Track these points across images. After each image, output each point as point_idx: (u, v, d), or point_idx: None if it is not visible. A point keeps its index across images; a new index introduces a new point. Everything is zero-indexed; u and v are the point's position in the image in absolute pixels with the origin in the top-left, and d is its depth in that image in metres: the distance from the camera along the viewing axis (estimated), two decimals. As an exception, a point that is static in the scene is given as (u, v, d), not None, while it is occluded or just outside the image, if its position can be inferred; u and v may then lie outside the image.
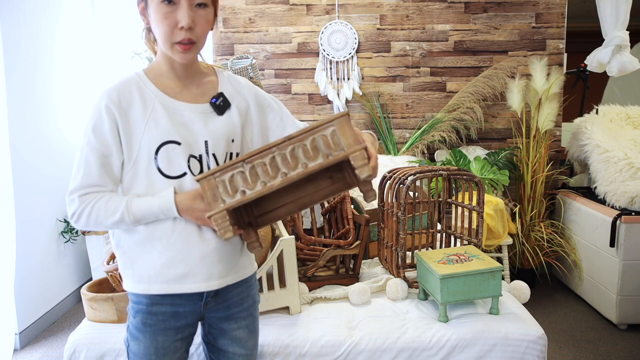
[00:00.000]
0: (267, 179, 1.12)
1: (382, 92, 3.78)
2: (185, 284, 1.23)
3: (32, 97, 3.01)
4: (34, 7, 3.03)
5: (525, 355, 1.67)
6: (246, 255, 1.34)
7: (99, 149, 1.18)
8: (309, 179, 1.25)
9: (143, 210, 1.18)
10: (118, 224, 1.19)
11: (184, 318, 1.27)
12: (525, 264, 3.44)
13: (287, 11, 3.72)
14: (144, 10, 1.22)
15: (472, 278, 1.74)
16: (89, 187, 1.19)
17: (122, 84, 1.22)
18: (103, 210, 1.18)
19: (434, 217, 2.30)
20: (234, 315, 1.33)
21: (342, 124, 1.12)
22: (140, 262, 1.23)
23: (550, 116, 3.40)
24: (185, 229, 1.21)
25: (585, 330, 2.91)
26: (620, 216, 2.85)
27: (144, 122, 1.20)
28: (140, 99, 1.21)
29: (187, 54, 1.19)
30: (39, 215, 3.04)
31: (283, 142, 1.13)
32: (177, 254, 1.22)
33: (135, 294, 1.25)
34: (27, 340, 2.86)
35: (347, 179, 1.25)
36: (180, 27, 1.15)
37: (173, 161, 1.20)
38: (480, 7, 3.70)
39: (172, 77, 1.25)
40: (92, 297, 1.78)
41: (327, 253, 2.04)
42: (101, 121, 1.18)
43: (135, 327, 1.26)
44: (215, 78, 1.32)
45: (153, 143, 1.19)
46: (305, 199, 1.26)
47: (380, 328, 1.74)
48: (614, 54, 3.28)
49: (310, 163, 1.11)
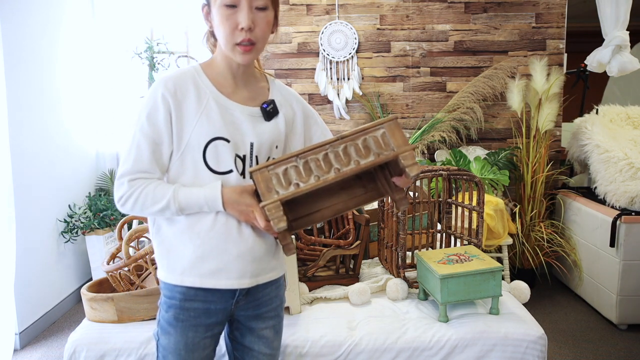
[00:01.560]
0: (321, 173, 1.16)
1: (382, 92, 3.78)
2: (219, 279, 1.25)
3: (32, 97, 3.01)
4: (34, 7, 3.03)
5: (525, 355, 1.68)
6: (278, 258, 1.36)
7: (151, 136, 1.21)
8: (342, 187, 1.31)
9: (189, 199, 1.20)
10: (163, 211, 1.21)
11: (215, 315, 1.29)
12: (525, 264, 3.44)
13: (287, 11, 3.72)
14: (207, 15, 1.26)
15: (472, 278, 1.74)
16: (138, 172, 1.21)
17: (179, 75, 1.26)
18: (151, 196, 1.20)
19: (434, 217, 2.30)
20: (262, 314, 1.35)
21: (391, 127, 1.20)
22: (175, 253, 1.26)
23: (550, 116, 3.40)
24: (225, 225, 1.24)
25: (585, 330, 2.91)
26: (620, 216, 2.85)
27: (197, 115, 1.23)
28: (196, 92, 1.24)
29: (247, 55, 1.23)
30: (39, 215, 3.04)
31: (336, 141, 1.19)
32: (214, 249, 1.24)
33: (169, 289, 1.27)
34: (27, 340, 2.86)
35: (380, 188, 1.31)
36: (240, 28, 1.19)
37: (221, 157, 1.24)
38: (480, 7, 3.70)
39: (228, 77, 1.29)
40: (92, 297, 1.77)
41: (327, 253, 2.04)
42: (156, 109, 1.21)
43: (167, 321, 1.28)
44: (266, 84, 1.37)
45: (203, 137, 1.23)
46: (339, 205, 1.31)
47: (380, 328, 1.74)
48: (614, 54, 3.28)
49: (362, 160, 1.17)
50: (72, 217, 3.31)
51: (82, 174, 3.58)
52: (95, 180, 3.75)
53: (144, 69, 3.64)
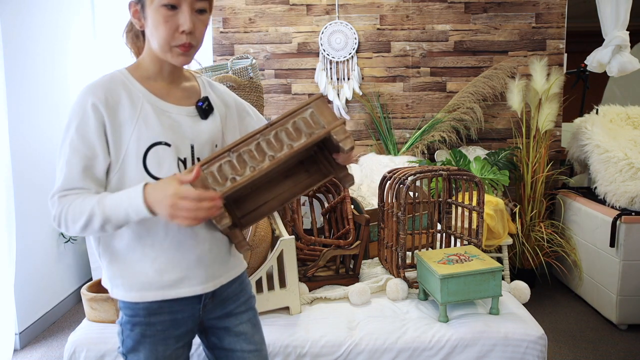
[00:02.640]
0: (256, 164, 1.14)
1: (382, 92, 3.78)
2: (182, 288, 1.21)
3: (32, 97, 3.01)
4: (34, 7, 3.03)
5: (525, 355, 1.68)
6: (235, 255, 1.34)
7: (82, 151, 1.12)
8: (286, 175, 1.30)
9: (113, 201, 1.10)
10: (89, 222, 1.10)
11: (184, 325, 1.25)
12: (525, 264, 3.44)
13: (287, 11, 3.72)
14: (137, 13, 1.19)
15: (472, 278, 1.74)
16: (70, 189, 1.13)
17: (107, 80, 1.17)
18: (78, 209, 1.10)
19: (434, 217, 2.29)
20: (232, 311, 1.32)
21: (319, 105, 1.19)
22: (131, 269, 1.19)
23: (550, 116, 3.40)
24: (178, 232, 1.19)
25: (585, 330, 2.91)
26: (620, 216, 2.85)
27: (133, 121, 1.16)
28: (128, 97, 1.17)
29: (186, 57, 1.19)
30: (39, 215, 3.04)
31: (266, 129, 1.17)
32: (171, 259, 1.19)
33: (130, 308, 1.21)
34: (27, 340, 2.86)
35: (323, 169, 1.30)
36: (181, 31, 1.15)
37: (163, 163, 1.18)
38: (480, 7, 3.70)
39: (159, 79, 1.24)
40: (92, 297, 1.78)
41: (327, 253, 2.04)
42: (86, 120, 1.12)
43: (134, 339, 1.22)
44: (196, 83, 1.32)
45: (142, 143, 1.16)
46: (285, 194, 1.30)
47: (380, 328, 1.74)
48: (614, 54, 3.28)
49: (294, 143, 1.16)
50: (72, 217, 3.31)
51: (82, 174, 3.57)
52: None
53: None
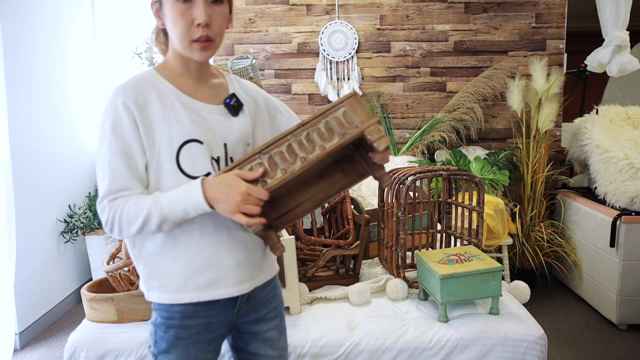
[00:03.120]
0: (287, 165, 1.11)
1: (382, 92, 3.78)
2: (217, 289, 1.19)
3: (32, 97, 3.01)
4: (34, 7, 3.03)
5: (525, 355, 1.68)
6: (269, 257, 1.32)
7: (121, 150, 1.12)
8: (321, 175, 1.26)
9: (170, 199, 1.10)
10: (146, 222, 1.10)
11: (217, 329, 1.25)
12: (525, 264, 3.44)
13: (287, 11, 3.72)
14: (158, 12, 1.18)
15: (472, 278, 1.74)
16: (118, 191, 1.12)
17: (135, 80, 1.17)
18: (133, 210, 1.10)
19: (434, 217, 2.29)
20: (264, 316, 1.31)
21: (352, 104, 1.14)
22: (166, 271, 1.18)
23: (550, 116, 3.40)
24: (214, 232, 1.18)
25: (585, 330, 2.91)
26: (620, 216, 2.85)
27: (164, 119, 1.15)
28: (157, 96, 1.16)
29: (205, 52, 1.16)
30: (39, 215, 3.04)
31: (297, 129, 1.14)
32: (206, 259, 1.18)
33: (166, 310, 1.20)
34: (27, 340, 2.86)
35: (360, 169, 1.25)
36: (197, 24, 1.13)
37: (197, 161, 1.16)
38: (480, 7, 3.70)
39: (187, 77, 1.22)
40: (92, 297, 1.77)
41: (327, 253, 2.04)
42: (120, 119, 1.12)
43: (167, 341, 1.22)
44: (223, 80, 1.30)
45: (175, 141, 1.15)
46: (321, 195, 1.26)
47: (380, 328, 1.74)
48: (614, 54, 3.28)
49: (326, 144, 1.12)
50: (72, 217, 3.31)
51: (82, 174, 3.58)
52: (96, 180, 3.75)
53: (144, 69, 3.64)
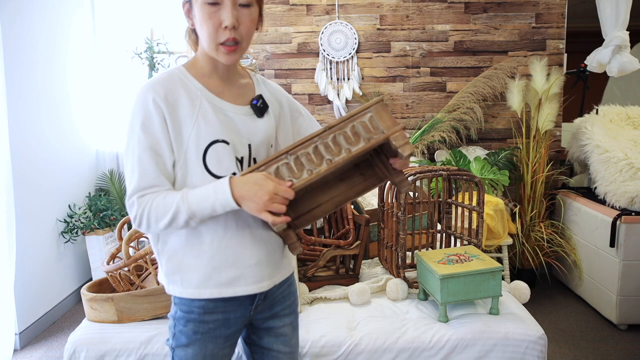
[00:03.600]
0: (313, 167, 1.14)
1: (382, 92, 3.78)
2: (238, 286, 1.22)
3: (32, 97, 3.01)
4: (34, 7, 3.03)
5: (525, 355, 1.68)
6: (287, 256, 1.35)
7: (150, 147, 1.14)
8: (341, 178, 1.29)
9: (198, 197, 1.12)
10: (174, 219, 1.13)
11: (235, 324, 1.27)
12: (525, 264, 3.44)
13: (287, 11, 3.72)
14: (189, 12, 1.20)
15: (472, 278, 1.74)
16: (147, 188, 1.14)
17: (166, 78, 1.18)
18: (162, 206, 1.13)
19: (434, 217, 2.29)
20: (278, 313, 1.34)
21: (378, 110, 1.17)
22: (188, 266, 1.21)
23: (550, 116, 3.40)
24: (236, 231, 1.20)
25: (585, 330, 2.91)
26: (620, 216, 2.85)
27: (193, 118, 1.16)
28: (186, 94, 1.17)
29: (231, 56, 1.17)
30: (39, 215, 3.04)
31: (324, 132, 1.17)
32: (229, 257, 1.20)
33: (186, 304, 1.23)
34: (27, 340, 2.86)
35: (379, 173, 1.29)
36: (224, 27, 1.14)
37: (223, 161, 1.18)
38: (480, 7, 3.70)
39: (214, 76, 1.23)
40: (92, 297, 1.77)
41: (327, 253, 2.04)
42: (150, 116, 1.14)
43: (186, 335, 1.24)
44: (250, 80, 1.31)
45: (202, 141, 1.16)
46: (340, 197, 1.29)
47: (380, 328, 1.74)
48: (614, 54, 3.28)
49: (353, 148, 1.15)
50: (72, 217, 3.31)
51: (82, 174, 3.58)
52: (95, 180, 3.75)
53: (144, 69, 3.64)
